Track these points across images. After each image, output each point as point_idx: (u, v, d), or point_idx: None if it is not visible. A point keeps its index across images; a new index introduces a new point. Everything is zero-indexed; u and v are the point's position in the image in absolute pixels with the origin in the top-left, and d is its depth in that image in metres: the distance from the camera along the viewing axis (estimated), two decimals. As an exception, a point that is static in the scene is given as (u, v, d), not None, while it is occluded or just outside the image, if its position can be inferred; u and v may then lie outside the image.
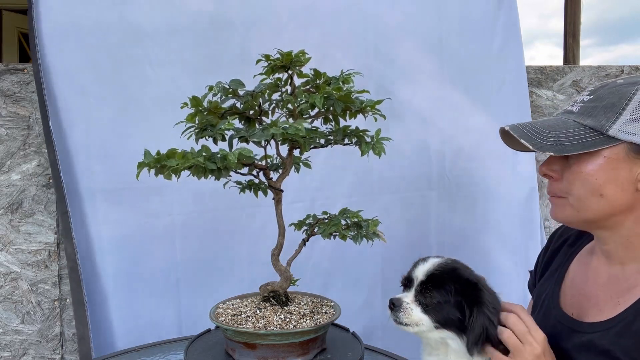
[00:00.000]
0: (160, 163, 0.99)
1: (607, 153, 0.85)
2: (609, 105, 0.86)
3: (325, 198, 1.92)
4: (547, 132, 0.88)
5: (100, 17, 1.73)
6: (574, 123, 0.89)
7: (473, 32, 2.04)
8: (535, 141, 0.88)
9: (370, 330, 1.94)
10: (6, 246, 1.90)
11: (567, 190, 0.92)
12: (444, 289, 0.94)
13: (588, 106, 0.89)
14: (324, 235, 1.17)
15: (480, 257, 2.04)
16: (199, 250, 1.87)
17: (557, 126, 0.89)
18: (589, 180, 0.87)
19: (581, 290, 1.00)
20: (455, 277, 0.95)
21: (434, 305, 0.94)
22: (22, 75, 1.89)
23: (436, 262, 0.99)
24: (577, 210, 0.91)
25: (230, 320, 1.14)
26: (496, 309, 0.91)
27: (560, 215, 0.97)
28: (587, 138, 0.85)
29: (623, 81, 0.89)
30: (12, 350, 1.92)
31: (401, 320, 0.97)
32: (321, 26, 1.90)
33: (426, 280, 0.97)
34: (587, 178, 0.88)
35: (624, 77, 0.90)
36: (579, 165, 0.89)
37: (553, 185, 0.96)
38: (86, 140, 1.76)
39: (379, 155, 1.12)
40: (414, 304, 0.97)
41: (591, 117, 0.87)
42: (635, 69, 2.30)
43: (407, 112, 1.98)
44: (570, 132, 0.87)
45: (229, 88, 1.12)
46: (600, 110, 0.87)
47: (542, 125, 0.91)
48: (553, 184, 0.96)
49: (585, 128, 0.87)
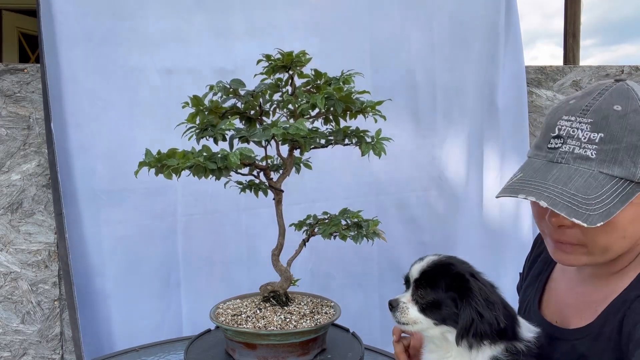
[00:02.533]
0: (161, 162, 0.99)
1: (636, 199, 0.80)
2: (631, 146, 0.79)
3: (324, 200, 1.93)
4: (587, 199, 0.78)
5: (111, 27, 1.77)
6: (603, 176, 0.79)
7: (467, 36, 2.05)
8: (584, 215, 0.77)
9: (370, 331, 1.95)
10: (6, 246, 1.90)
11: (587, 241, 0.84)
12: (437, 285, 0.94)
13: (606, 149, 0.80)
14: (324, 235, 1.17)
15: (474, 257, 2.05)
16: (199, 251, 1.88)
17: (590, 186, 0.79)
18: (616, 230, 0.82)
19: (563, 298, 0.99)
20: (447, 272, 0.95)
21: (429, 302, 0.95)
22: (22, 75, 1.89)
23: (430, 260, 0.99)
24: (598, 256, 0.85)
25: (231, 320, 1.14)
26: (489, 300, 0.90)
27: (574, 262, 0.89)
28: (622, 192, 0.79)
29: (621, 108, 0.81)
30: (12, 350, 1.92)
31: (399, 320, 0.98)
32: (320, 37, 1.92)
33: (420, 278, 0.97)
34: (616, 228, 0.81)
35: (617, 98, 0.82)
36: None
37: (566, 235, 0.86)
38: (92, 142, 1.78)
39: (379, 156, 1.12)
40: (410, 303, 0.97)
41: (616, 164, 0.79)
42: (635, 69, 2.30)
43: (402, 115, 2.00)
44: (607, 191, 0.79)
45: (230, 88, 1.12)
46: (624, 155, 0.79)
47: (577, 189, 0.79)
48: (566, 232, 0.86)
49: (617, 180, 0.79)
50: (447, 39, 2.04)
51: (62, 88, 1.74)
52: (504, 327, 0.89)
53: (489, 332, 0.88)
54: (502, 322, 0.88)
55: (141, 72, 1.82)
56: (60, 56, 1.73)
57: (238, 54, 1.88)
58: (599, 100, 0.83)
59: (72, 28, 1.74)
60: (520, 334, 0.91)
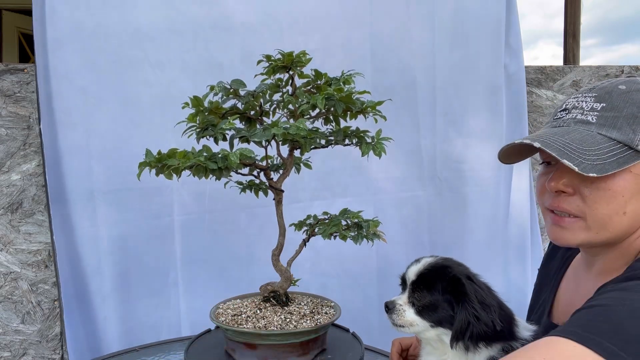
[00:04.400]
0: (162, 162, 0.99)
1: (633, 168, 0.79)
2: (631, 116, 0.80)
3: (323, 199, 1.93)
4: (582, 149, 0.79)
5: (101, 20, 1.74)
6: (601, 137, 0.81)
7: (468, 35, 2.05)
8: (577, 161, 0.77)
9: (370, 331, 1.95)
10: (6, 246, 1.90)
11: (586, 210, 0.82)
12: (433, 288, 0.94)
13: (607, 116, 0.82)
14: (324, 235, 1.17)
15: (474, 257, 2.05)
16: (197, 251, 1.87)
17: (587, 141, 0.80)
18: (615, 199, 0.80)
19: (570, 300, 0.99)
20: (443, 275, 0.95)
21: (426, 305, 0.95)
22: (22, 75, 1.89)
23: (427, 262, 0.99)
24: (596, 232, 0.83)
25: (231, 320, 1.14)
26: (485, 303, 0.90)
27: (570, 239, 0.86)
28: (619, 154, 0.78)
29: (626, 87, 0.83)
30: (12, 350, 1.92)
31: (395, 322, 0.98)
32: (320, 32, 1.91)
33: (417, 280, 0.97)
34: (615, 196, 0.80)
35: (624, 82, 0.84)
36: (605, 182, 0.80)
37: (566, 203, 0.85)
38: (87, 140, 1.76)
39: (379, 156, 1.12)
40: (407, 305, 0.97)
41: (615, 129, 0.80)
42: (635, 69, 2.30)
43: (401, 115, 2.00)
44: (603, 148, 0.79)
45: (230, 88, 1.12)
46: (623, 122, 0.80)
47: (573, 140, 0.81)
48: (565, 200, 0.85)
49: (614, 142, 0.80)
50: (448, 37, 2.03)
51: (57, 86, 1.72)
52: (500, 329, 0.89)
53: (485, 334, 0.88)
54: (498, 324, 0.88)
55: (133, 67, 1.78)
56: (53, 54, 1.70)
57: (236, 48, 1.84)
58: (606, 82, 0.87)
59: (64, 25, 1.71)
60: (517, 334, 0.91)
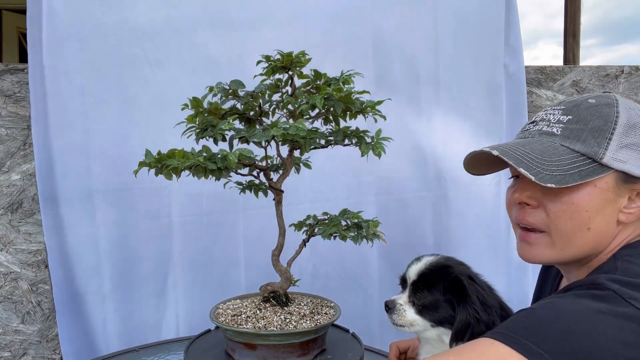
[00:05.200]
0: (161, 163, 0.99)
1: (598, 182, 0.77)
2: (596, 128, 0.78)
3: (324, 200, 1.92)
4: (542, 159, 0.77)
5: (100, 19, 1.73)
6: (564, 149, 0.78)
7: (470, 33, 2.04)
8: (535, 170, 0.76)
9: (370, 331, 1.95)
10: (6, 246, 1.90)
11: (550, 224, 0.81)
12: (434, 287, 0.94)
13: (572, 128, 0.79)
14: (324, 235, 1.17)
15: (477, 258, 2.04)
16: (196, 251, 1.87)
17: (548, 152, 0.78)
18: (579, 213, 0.78)
19: None
20: (445, 274, 0.94)
21: (427, 304, 0.94)
22: (22, 75, 1.89)
23: (428, 261, 0.99)
24: (560, 248, 0.81)
25: (231, 320, 1.14)
26: (486, 304, 0.90)
27: (537, 256, 0.84)
28: (582, 167, 0.76)
29: (595, 101, 0.81)
30: (12, 350, 1.92)
31: (396, 322, 0.97)
32: (320, 29, 1.90)
33: (418, 280, 0.97)
34: (578, 210, 0.78)
35: (595, 97, 0.82)
36: (568, 195, 0.78)
37: (531, 216, 0.83)
38: (86, 140, 1.76)
39: (379, 156, 1.12)
40: (407, 305, 0.97)
41: (580, 141, 0.78)
42: (635, 69, 2.30)
43: (404, 114, 1.98)
44: (565, 159, 0.77)
45: (229, 89, 1.12)
46: (588, 134, 0.78)
47: (533, 150, 0.79)
48: (530, 213, 0.83)
49: (577, 155, 0.77)
50: (450, 35, 2.01)
51: (56, 86, 1.72)
52: None
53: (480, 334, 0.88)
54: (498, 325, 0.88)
55: (132, 66, 1.77)
56: (52, 53, 1.70)
57: (235, 46, 1.83)
58: (577, 97, 0.86)
59: (63, 24, 1.70)
60: None
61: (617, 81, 2.30)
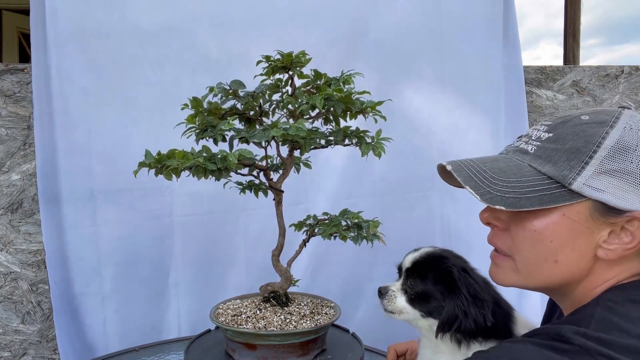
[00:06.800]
0: (161, 163, 0.99)
1: (567, 211, 0.69)
2: (573, 150, 0.69)
3: (325, 200, 1.92)
4: (497, 179, 0.71)
5: (102, 19, 1.74)
6: (529, 169, 0.71)
7: (471, 32, 2.03)
8: (484, 190, 0.70)
9: (370, 331, 1.94)
10: (6, 246, 1.90)
11: (514, 250, 0.75)
12: (427, 277, 0.94)
13: (547, 147, 0.72)
14: (324, 235, 1.17)
15: (484, 259, 2.03)
16: (197, 251, 1.87)
17: (509, 171, 0.72)
18: (542, 242, 0.71)
19: None
20: (438, 265, 0.95)
21: (418, 293, 0.95)
22: (22, 75, 1.89)
23: (424, 251, 0.99)
24: (524, 276, 0.75)
25: (231, 320, 1.14)
26: (477, 297, 0.89)
27: (502, 280, 0.79)
28: (545, 191, 0.68)
29: (589, 118, 0.71)
30: (12, 350, 1.92)
31: (386, 307, 0.98)
32: (321, 27, 1.89)
33: (412, 268, 0.97)
34: (541, 239, 0.71)
35: (590, 113, 0.73)
36: (531, 222, 0.71)
37: (497, 238, 0.79)
38: (87, 140, 1.76)
39: (379, 156, 1.12)
40: (399, 292, 0.98)
41: (551, 163, 0.70)
42: (635, 69, 2.30)
43: (408, 112, 1.98)
44: (526, 181, 0.70)
45: (230, 89, 1.12)
46: (562, 156, 0.69)
47: (492, 168, 0.73)
48: (497, 235, 0.79)
49: (544, 177, 0.69)
50: (453, 34, 2.01)
51: (58, 86, 1.71)
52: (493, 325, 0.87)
53: (474, 329, 0.87)
54: (490, 320, 0.87)
55: (133, 66, 1.77)
56: (54, 54, 1.70)
57: (235, 45, 1.83)
58: (573, 112, 0.77)
59: (65, 24, 1.70)
60: (514, 331, 0.91)
61: (617, 81, 2.30)
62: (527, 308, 1.88)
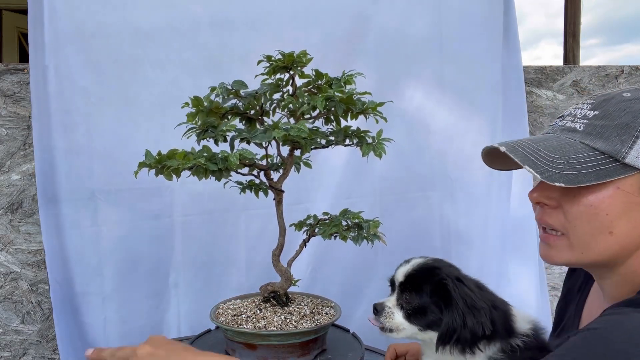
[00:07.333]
0: (161, 163, 0.99)
1: (620, 184, 0.72)
2: (622, 125, 0.73)
3: (325, 200, 1.92)
4: (554, 157, 0.74)
5: (102, 19, 1.73)
6: (582, 146, 0.75)
7: (472, 32, 2.03)
8: (542, 168, 0.72)
9: (370, 331, 1.94)
10: (6, 246, 1.90)
11: (568, 226, 0.77)
12: (422, 290, 0.92)
13: (596, 124, 0.75)
14: (324, 235, 1.17)
15: (484, 259, 2.03)
16: (197, 251, 1.87)
17: (563, 149, 0.75)
18: (598, 216, 0.73)
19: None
20: (431, 277, 0.92)
21: (415, 308, 0.92)
22: (22, 75, 1.89)
23: (416, 263, 0.96)
24: (580, 251, 0.77)
25: (231, 320, 1.14)
26: (474, 307, 0.87)
27: (556, 258, 0.81)
28: (600, 166, 0.72)
29: (631, 95, 0.76)
30: (12, 350, 1.92)
31: (384, 325, 0.95)
32: (321, 26, 1.89)
33: (405, 282, 0.95)
34: (597, 213, 0.73)
35: (630, 90, 0.77)
36: (586, 197, 0.74)
37: (549, 216, 0.80)
38: (87, 141, 1.75)
39: (380, 157, 1.12)
40: (396, 308, 0.95)
41: (602, 139, 0.73)
42: (635, 69, 2.30)
43: (408, 112, 1.98)
44: (581, 157, 0.73)
45: (232, 89, 1.12)
46: (612, 132, 0.73)
47: (546, 147, 0.76)
48: (548, 213, 0.80)
49: (597, 153, 0.73)
50: (453, 34, 2.01)
51: (59, 87, 1.71)
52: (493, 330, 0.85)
53: (473, 338, 0.86)
54: (488, 328, 0.85)
55: (134, 66, 1.77)
56: (54, 54, 1.70)
57: (236, 45, 1.83)
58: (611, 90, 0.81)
59: (65, 24, 1.69)
60: (515, 329, 0.89)
61: (617, 81, 2.30)
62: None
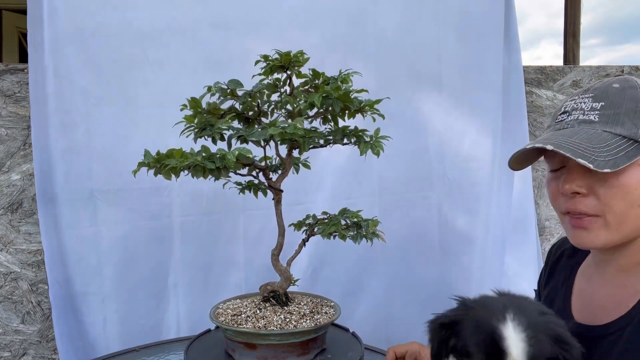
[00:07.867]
0: (160, 163, 0.99)
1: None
2: (630, 111, 0.84)
3: (325, 200, 1.92)
4: (592, 148, 0.82)
5: (102, 20, 1.73)
6: (607, 134, 0.84)
7: (472, 32, 2.03)
8: (591, 158, 0.80)
9: (370, 331, 1.94)
10: (6, 246, 1.90)
11: (604, 208, 0.85)
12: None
13: (607, 114, 0.86)
14: (323, 235, 1.17)
15: (486, 259, 2.03)
16: (197, 251, 1.87)
17: (593, 139, 0.84)
18: (630, 193, 0.83)
19: (589, 302, 0.97)
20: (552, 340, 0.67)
21: None
22: (22, 75, 1.89)
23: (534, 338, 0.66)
24: (616, 228, 0.86)
25: (231, 320, 1.14)
26: None
27: (593, 241, 0.88)
28: (627, 148, 0.82)
29: (619, 85, 0.87)
30: (12, 350, 1.92)
31: None
32: (321, 27, 1.89)
33: None
34: (629, 190, 0.83)
35: (616, 81, 0.88)
36: (617, 179, 0.83)
37: (582, 204, 0.87)
38: (87, 141, 1.76)
39: (378, 155, 1.12)
40: None
41: (618, 125, 0.84)
42: (635, 69, 2.30)
43: (407, 112, 1.98)
44: (611, 144, 0.83)
45: (227, 88, 1.12)
46: (624, 118, 0.84)
47: (581, 139, 0.84)
48: (580, 201, 0.87)
49: (620, 137, 0.83)
50: (452, 34, 2.00)
51: (58, 87, 1.71)
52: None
53: None
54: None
55: (133, 66, 1.77)
56: (54, 54, 1.70)
57: (235, 45, 1.83)
58: (599, 83, 0.90)
59: (65, 25, 1.70)
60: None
61: (617, 81, 2.30)
62: None
